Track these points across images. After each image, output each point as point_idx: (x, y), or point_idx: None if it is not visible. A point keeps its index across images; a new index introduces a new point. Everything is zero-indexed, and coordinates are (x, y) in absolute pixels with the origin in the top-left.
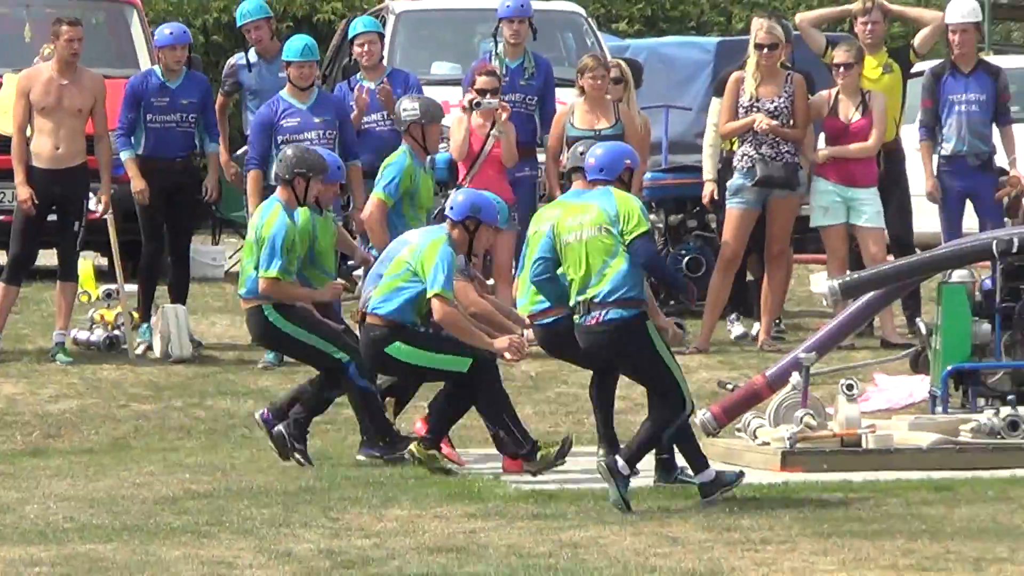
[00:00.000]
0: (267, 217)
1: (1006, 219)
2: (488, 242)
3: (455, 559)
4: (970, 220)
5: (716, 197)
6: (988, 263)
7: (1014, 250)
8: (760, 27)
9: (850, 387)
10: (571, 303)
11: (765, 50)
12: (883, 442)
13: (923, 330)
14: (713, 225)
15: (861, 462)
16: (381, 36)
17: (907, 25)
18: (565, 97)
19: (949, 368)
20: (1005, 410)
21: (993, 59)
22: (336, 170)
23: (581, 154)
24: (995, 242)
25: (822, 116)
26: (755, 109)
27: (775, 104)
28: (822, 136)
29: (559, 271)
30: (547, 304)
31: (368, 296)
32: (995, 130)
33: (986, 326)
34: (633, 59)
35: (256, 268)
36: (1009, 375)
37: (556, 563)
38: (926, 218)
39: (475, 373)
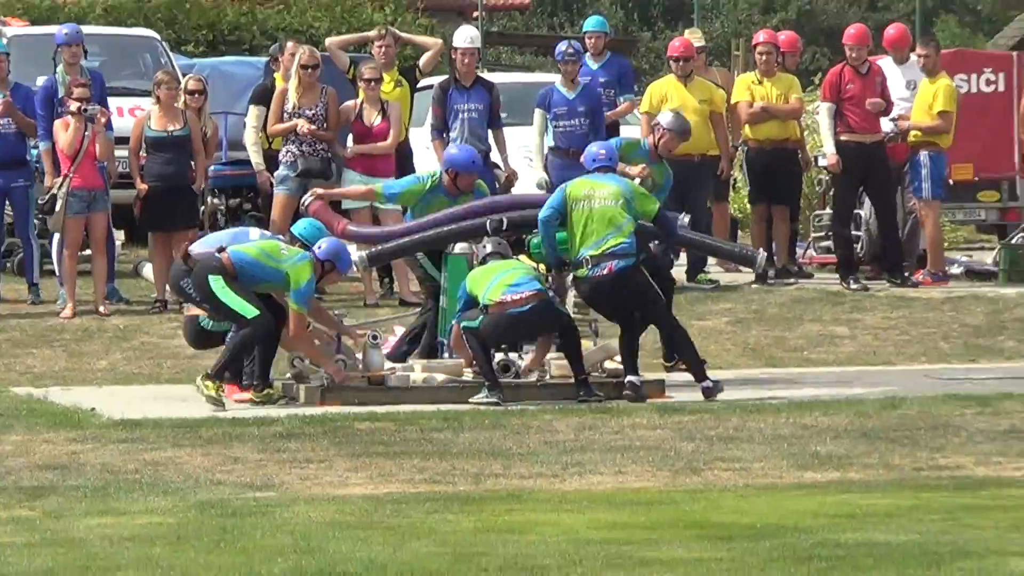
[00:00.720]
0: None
1: None
2: (333, 282)
3: (60, 475)
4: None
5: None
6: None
7: (503, 228)
8: (304, 51)
9: (375, 337)
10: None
11: (308, 69)
12: (402, 381)
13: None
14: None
15: (385, 397)
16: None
17: (415, 48)
18: (145, 104)
19: (453, 321)
20: (499, 356)
21: (487, 76)
22: None
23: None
24: (489, 221)
25: (351, 120)
26: (297, 115)
27: (313, 111)
28: (351, 136)
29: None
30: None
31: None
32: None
33: None
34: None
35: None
36: None
37: (141, 478)
38: None
39: (257, 321)
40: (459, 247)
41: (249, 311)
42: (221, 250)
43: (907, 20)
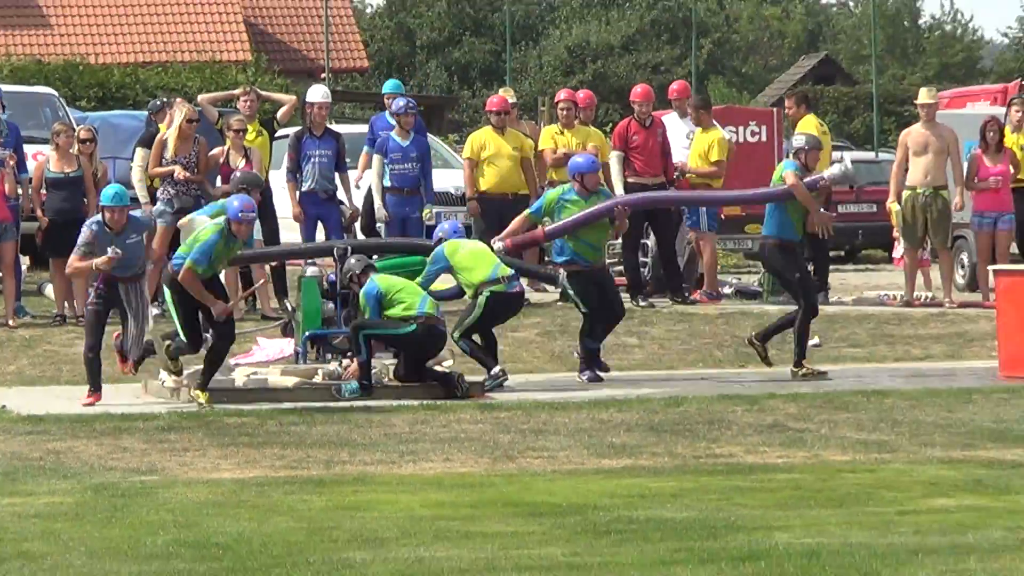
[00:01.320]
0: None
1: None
2: (244, 234)
3: None
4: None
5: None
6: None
7: (348, 255)
8: (189, 109)
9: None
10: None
11: (191, 123)
12: (261, 383)
13: (289, 307)
14: None
15: (251, 396)
16: None
17: (274, 103)
18: (45, 150)
19: (307, 333)
20: (345, 361)
21: (334, 127)
22: None
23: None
24: (335, 248)
25: (219, 164)
26: (174, 162)
27: (187, 159)
28: (219, 177)
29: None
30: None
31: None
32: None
33: (331, 305)
34: None
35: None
36: (347, 338)
37: (44, 464)
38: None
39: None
40: (310, 270)
41: (181, 330)
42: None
43: (686, 78)
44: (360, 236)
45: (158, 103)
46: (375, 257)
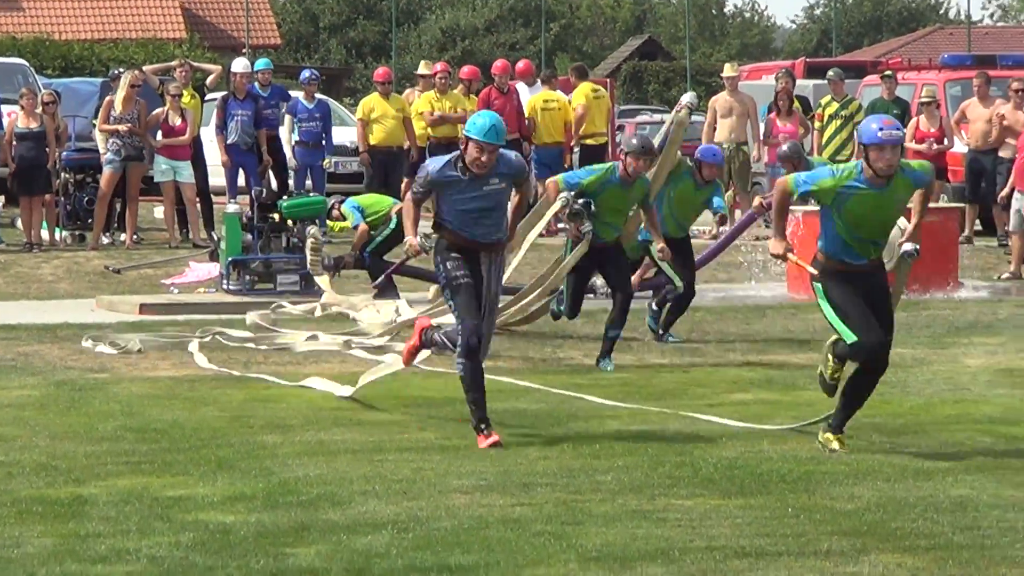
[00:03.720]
0: None
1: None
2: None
3: None
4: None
5: None
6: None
7: (263, 198)
8: (132, 75)
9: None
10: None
11: (134, 87)
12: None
13: (215, 237)
14: None
15: (185, 310)
16: None
17: (204, 73)
18: (16, 110)
19: (230, 259)
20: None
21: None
22: None
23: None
24: (254, 191)
25: (160, 122)
26: (120, 120)
27: (130, 116)
28: (159, 133)
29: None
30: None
31: None
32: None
33: (249, 236)
34: None
35: None
36: (261, 263)
37: (16, 364)
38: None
39: None
40: (232, 207)
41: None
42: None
43: (535, 56)
44: (273, 181)
45: (115, 73)
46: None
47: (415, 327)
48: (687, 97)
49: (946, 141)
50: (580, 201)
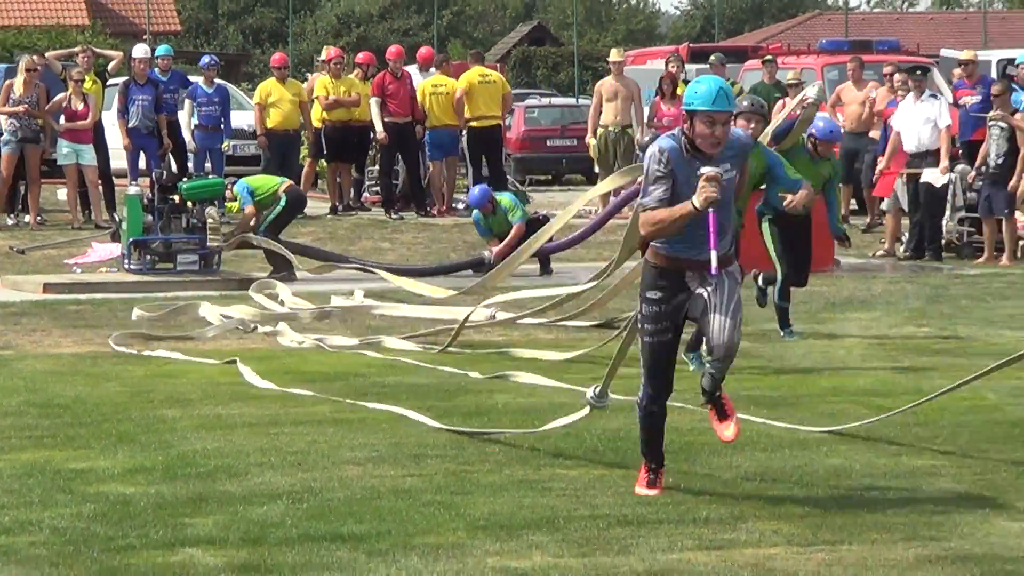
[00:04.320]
0: None
1: None
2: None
3: None
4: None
5: None
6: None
7: (163, 180)
8: (28, 59)
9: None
10: None
11: (32, 71)
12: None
13: (117, 218)
14: None
15: (88, 289)
16: None
17: (106, 59)
18: None
19: (131, 239)
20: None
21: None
22: None
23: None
24: (154, 173)
25: (62, 107)
26: (20, 102)
27: (29, 99)
28: (63, 116)
29: None
30: None
31: None
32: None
33: (150, 217)
34: None
35: None
36: (162, 244)
37: None
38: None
39: None
40: (133, 189)
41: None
42: None
43: (428, 42)
44: (172, 163)
45: (19, 59)
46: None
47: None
48: (812, 91)
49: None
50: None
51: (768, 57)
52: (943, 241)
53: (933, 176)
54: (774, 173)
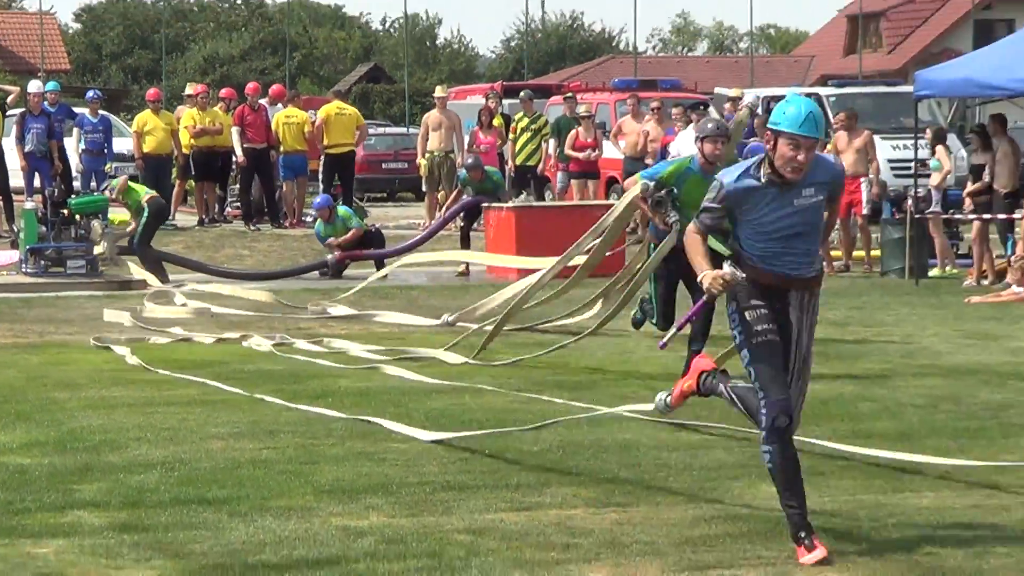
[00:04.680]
0: None
1: None
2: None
3: None
4: None
5: None
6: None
7: (55, 197)
8: None
9: None
10: None
11: None
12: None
13: (15, 229)
14: None
15: None
16: None
17: (4, 92)
18: None
19: (28, 247)
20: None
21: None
22: None
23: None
24: (47, 190)
25: None
26: None
27: None
28: None
29: None
30: None
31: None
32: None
33: (44, 228)
34: None
35: None
36: (54, 251)
37: None
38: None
39: None
40: (29, 204)
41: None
42: None
43: (281, 79)
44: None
45: None
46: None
47: (691, 367)
48: (749, 98)
49: (598, 151)
50: (662, 191)
51: (569, 94)
52: None
53: None
54: None
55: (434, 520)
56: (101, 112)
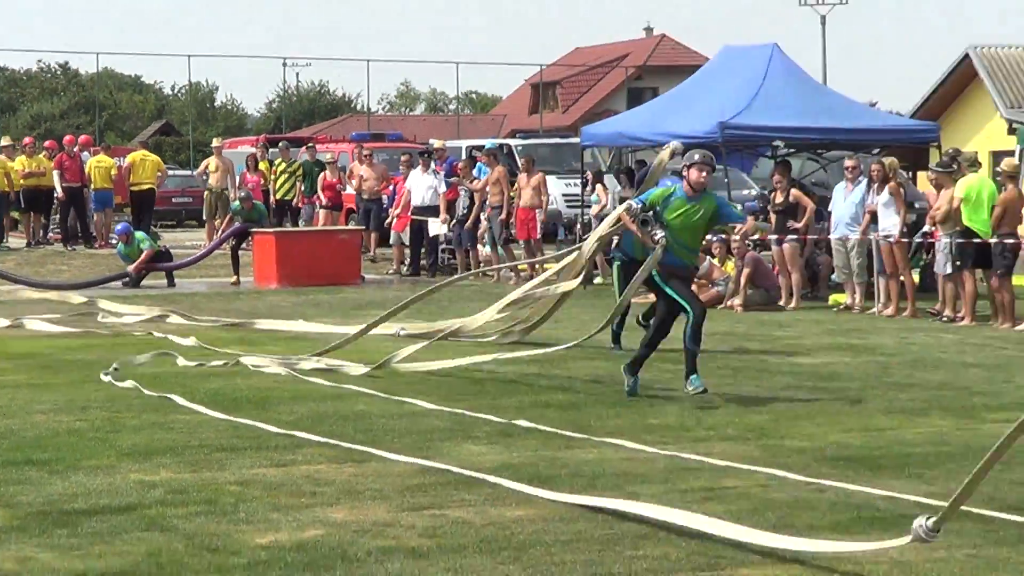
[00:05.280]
0: None
1: None
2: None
3: None
4: None
5: None
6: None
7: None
8: None
9: None
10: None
11: None
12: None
13: None
14: None
15: None
16: None
17: None
18: None
19: None
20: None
21: None
22: None
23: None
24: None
25: None
26: None
27: None
28: None
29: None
30: None
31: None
32: None
33: None
34: None
35: None
36: None
37: None
38: None
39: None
40: None
41: None
42: None
43: (93, 134)
44: None
45: None
46: None
47: None
48: (675, 143)
49: (343, 187)
50: (649, 212)
51: (310, 144)
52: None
53: (435, 225)
54: (722, 212)
55: (211, 475)
56: None
